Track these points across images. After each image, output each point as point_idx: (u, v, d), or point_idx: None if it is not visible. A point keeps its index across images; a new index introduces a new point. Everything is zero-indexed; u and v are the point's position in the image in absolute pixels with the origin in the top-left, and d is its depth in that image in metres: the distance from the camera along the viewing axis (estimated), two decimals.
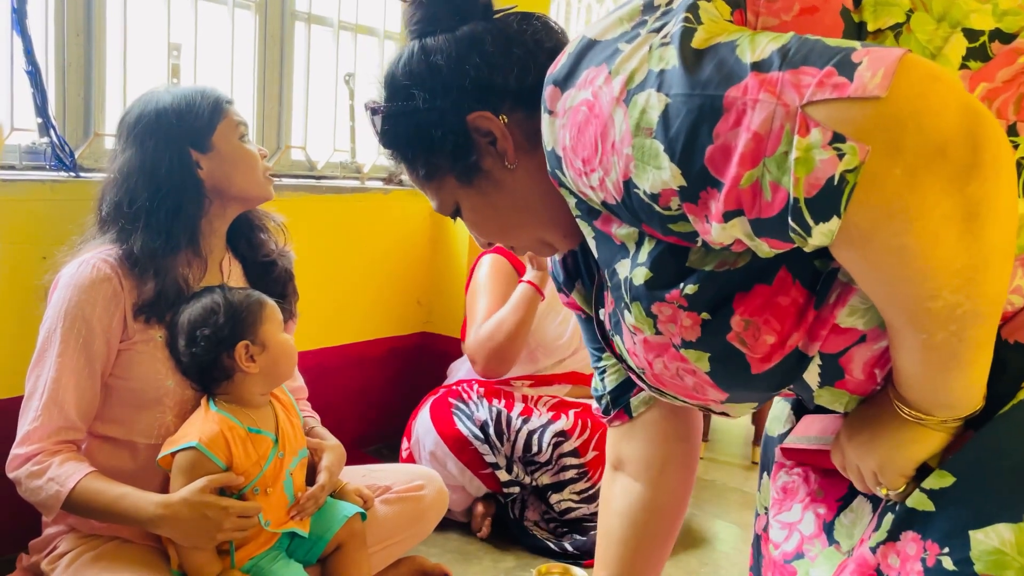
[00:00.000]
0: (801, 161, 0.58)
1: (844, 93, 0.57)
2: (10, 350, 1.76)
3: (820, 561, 0.83)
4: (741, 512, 2.47)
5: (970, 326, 0.62)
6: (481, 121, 0.83)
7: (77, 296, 1.39)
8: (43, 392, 1.38)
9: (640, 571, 1.10)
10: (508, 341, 2.13)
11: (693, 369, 0.77)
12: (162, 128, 1.46)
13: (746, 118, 0.60)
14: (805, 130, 0.57)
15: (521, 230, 0.91)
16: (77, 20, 1.92)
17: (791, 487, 0.88)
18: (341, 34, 2.61)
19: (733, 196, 0.62)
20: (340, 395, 2.47)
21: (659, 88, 0.64)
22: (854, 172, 0.56)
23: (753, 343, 0.72)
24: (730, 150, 0.61)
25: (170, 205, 1.44)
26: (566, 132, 0.72)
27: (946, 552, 0.69)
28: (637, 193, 0.68)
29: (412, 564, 1.82)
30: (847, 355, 0.74)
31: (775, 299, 0.70)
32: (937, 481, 0.71)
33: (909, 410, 0.71)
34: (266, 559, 1.44)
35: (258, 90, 2.38)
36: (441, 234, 2.87)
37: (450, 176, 0.87)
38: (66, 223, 1.80)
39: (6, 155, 1.83)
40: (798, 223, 0.60)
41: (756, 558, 0.96)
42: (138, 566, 1.39)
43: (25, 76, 1.79)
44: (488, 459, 2.09)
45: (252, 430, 1.41)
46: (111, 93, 1.99)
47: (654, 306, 0.76)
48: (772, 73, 0.59)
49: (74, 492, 1.32)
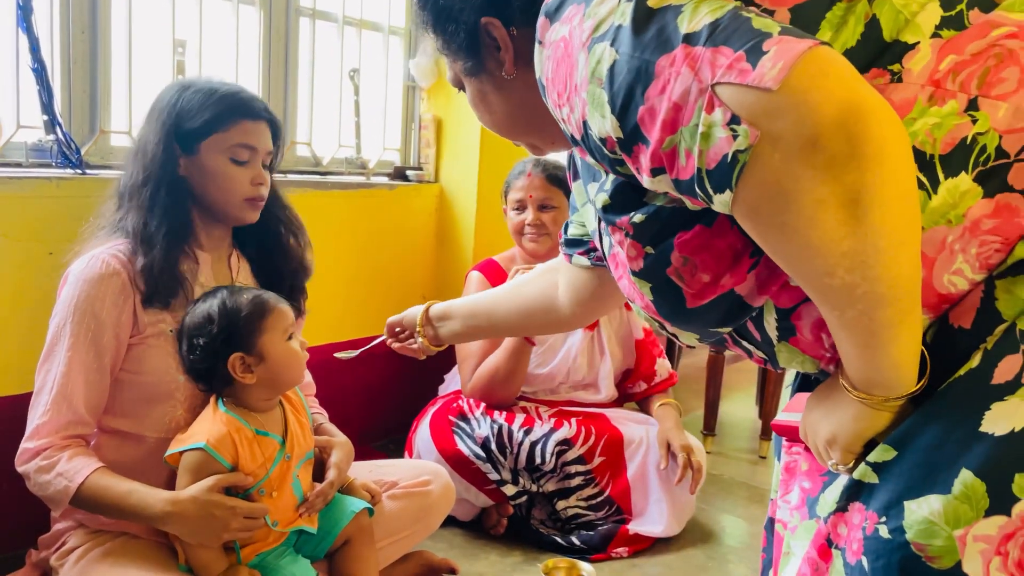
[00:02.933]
0: (704, 136, 0.63)
1: (744, 80, 0.61)
2: (18, 347, 1.76)
3: (800, 533, 0.85)
4: (749, 506, 2.46)
5: (876, 307, 0.65)
6: (492, 27, 0.89)
7: (87, 291, 1.40)
8: (52, 387, 1.38)
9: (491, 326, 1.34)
10: (503, 388, 2.17)
11: (640, 293, 0.84)
12: (161, 113, 1.48)
13: (669, 87, 0.65)
14: (711, 107, 0.63)
15: (510, 130, 0.99)
16: (82, 17, 1.92)
17: (792, 466, 0.90)
18: (346, 29, 2.61)
19: (657, 156, 0.68)
20: (346, 390, 2.47)
21: (612, 43, 0.69)
22: (744, 152, 0.62)
23: (689, 279, 0.78)
24: (656, 114, 0.66)
25: (153, 188, 1.45)
26: (549, 64, 0.77)
27: (883, 521, 0.72)
28: (591, 134, 0.74)
29: (419, 559, 1.82)
30: (797, 312, 0.77)
31: (713, 241, 0.76)
32: (881, 454, 0.74)
33: (853, 389, 0.73)
34: (273, 555, 1.45)
35: (263, 86, 2.38)
36: (446, 230, 2.87)
37: (459, 62, 0.94)
38: (72, 220, 1.80)
39: (12, 152, 1.83)
40: (702, 190, 0.66)
41: (769, 540, 0.97)
42: (146, 562, 1.39)
43: (31, 73, 1.79)
44: (492, 477, 2.08)
45: (259, 432, 1.41)
46: (116, 90, 2.00)
47: (609, 228, 0.84)
48: (697, 48, 0.64)
49: (82, 487, 1.33)
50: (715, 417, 2.90)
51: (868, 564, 0.72)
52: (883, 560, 0.71)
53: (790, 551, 0.87)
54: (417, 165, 2.90)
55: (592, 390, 2.33)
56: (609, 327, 2.31)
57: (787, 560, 0.87)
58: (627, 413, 2.30)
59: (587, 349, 2.29)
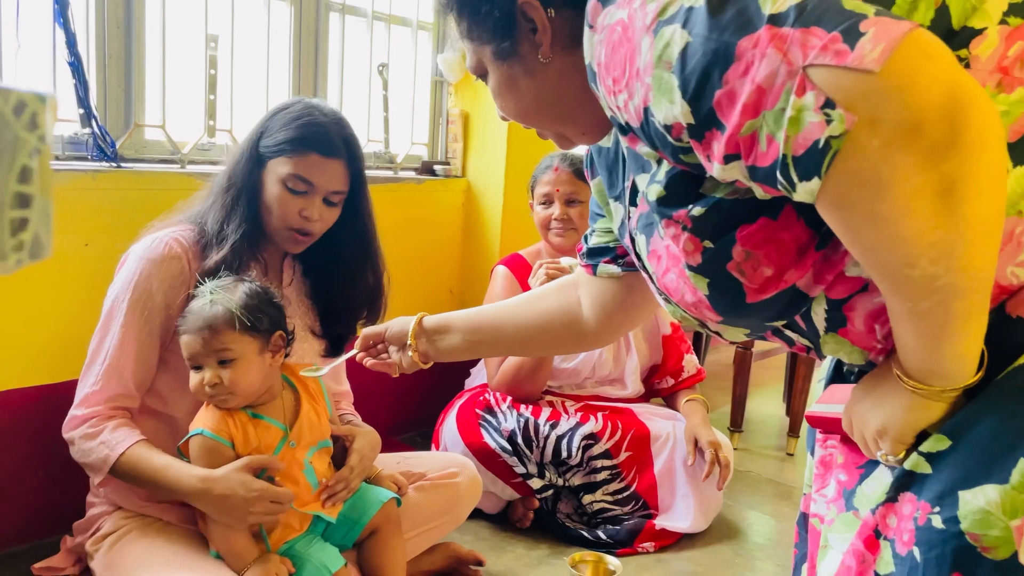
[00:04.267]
0: (793, 120, 0.60)
1: (843, 61, 0.58)
2: (54, 338, 1.80)
3: (838, 526, 0.84)
4: (776, 503, 2.45)
5: (953, 298, 0.64)
6: (529, 8, 0.85)
7: (147, 270, 1.44)
8: (105, 358, 1.43)
9: (501, 342, 1.22)
10: (529, 383, 2.17)
11: (694, 288, 0.81)
12: (258, 124, 1.54)
13: (753, 69, 0.62)
14: (802, 91, 0.60)
15: (539, 118, 0.93)
16: (117, 13, 1.95)
17: (827, 460, 0.89)
18: (375, 24, 2.62)
19: (733, 141, 0.65)
20: (374, 383, 2.49)
21: (684, 25, 0.66)
22: (839, 139, 0.59)
23: (751, 274, 0.75)
24: (735, 97, 0.63)
25: (235, 194, 1.50)
26: (602, 49, 0.74)
27: (936, 511, 0.71)
28: (653, 121, 0.70)
29: (446, 550, 1.83)
30: (850, 303, 0.76)
31: (778, 234, 0.73)
32: (934, 444, 0.73)
33: (908, 380, 0.72)
34: (302, 542, 1.46)
35: (293, 81, 2.40)
36: (473, 224, 2.87)
37: (487, 47, 0.89)
38: (107, 212, 1.84)
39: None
40: (785, 178, 0.63)
41: (802, 535, 0.96)
42: (180, 548, 1.42)
43: (67, 68, 1.82)
44: (518, 470, 2.09)
45: (256, 416, 1.42)
46: (151, 84, 2.02)
47: (663, 223, 0.80)
48: (784, 29, 0.61)
49: (122, 457, 1.37)
50: (742, 413, 2.89)
51: (920, 555, 0.72)
52: (936, 551, 0.70)
53: (828, 544, 0.86)
54: (444, 160, 2.92)
55: (618, 385, 2.32)
56: None
57: (824, 553, 0.86)
58: (654, 408, 2.30)
59: (613, 345, 2.29)
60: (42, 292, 1.77)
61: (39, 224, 0.37)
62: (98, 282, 1.80)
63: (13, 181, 0.35)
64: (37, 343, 1.78)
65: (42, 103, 0.37)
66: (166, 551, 1.41)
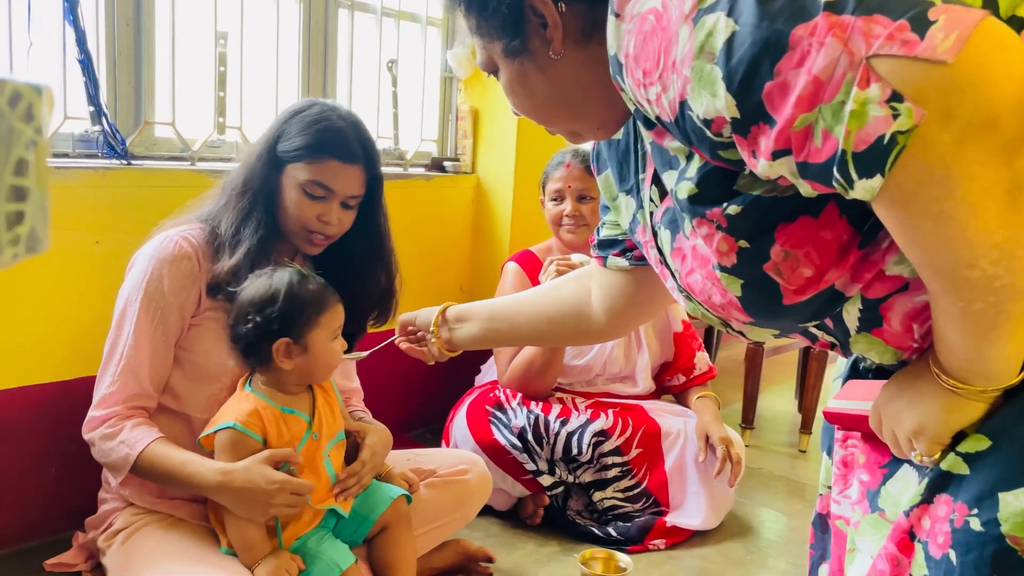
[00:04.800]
0: (856, 114, 0.57)
1: (912, 51, 0.55)
2: (64, 335, 1.80)
3: (864, 528, 0.83)
4: (788, 500, 2.43)
5: (1008, 299, 0.61)
6: (538, 3, 0.82)
7: (158, 269, 1.45)
8: (120, 359, 1.44)
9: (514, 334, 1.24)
10: (539, 379, 2.17)
11: (724, 290, 0.78)
12: (273, 127, 1.53)
13: (809, 59, 0.58)
14: (865, 83, 0.56)
15: (552, 115, 0.90)
16: (127, 10, 1.95)
17: (849, 460, 0.87)
18: (384, 21, 2.62)
19: (784, 136, 0.61)
20: (384, 380, 2.49)
21: (729, 13, 0.62)
22: (906, 134, 0.55)
23: (789, 274, 0.72)
24: (788, 89, 0.59)
25: (251, 199, 1.50)
26: (631, 39, 0.70)
27: (975, 513, 0.69)
28: (691, 115, 0.67)
29: (456, 547, 1.83)
30: (888, 302, 0.73)
31: (819, 233, 0.70)
32: (973, 445, 0.71)
33: (948, 379, 0.70)
34: (313, 538, 1.46)
35: (302, 77, 2.40)
36: (483, 221, 2.87)
37: (497, 43, 0.86)
38: (118, 209, 1.84)
39: (59, 143, 1.87)
40: (842, 175, 0.59)
41: (819, 536, 0.95)
42: (191, 544, 1.42)
43: (77, 65, 1.83)
44: (528, 467, 2.08)
45: (285, 410, 1.43)
46: (160, 82, 2.03)
47: (695, 221, 0.76)
48: (844, 16, 0.57)
49: (142, 455, 1.38)
50: (754, 410, 2.87)
51: (957, 558, 0.70)
52: (974, 554, 0.68)
53: (855, 548, 0.84)
54: (454, 156, 2.91)
55: (629, 383, 2.31)
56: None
57: (852, 557, 0.84)
58: (664, 405, 2.29)
59: (624, 342, 2.28)
60: (53, 289, 1.77)
61: (36, 218, 0.37)
62: (108, 279, 1.81)
63: (9, 174, 0.35)
64: (47, 340, 1.78)
65: (38, 95, 0.37)
66: (178, 547, 1.41)
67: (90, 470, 1.54)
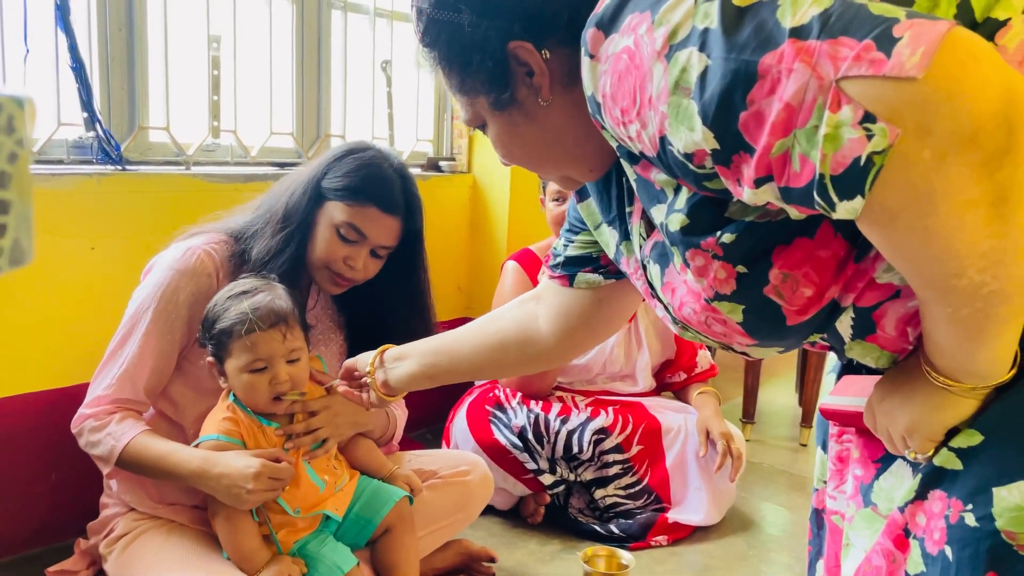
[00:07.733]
0: (829, 138, 0.56)
1: (880, 71, 0.54)
2: (61, 342, 1.80)
3: (858, 523, 0.83)
4: (790, 494, 2.43)
5: (996, 304, 0.61)
6: (522, 52, 0.81)
7: (175, 281, 1.45)
8: (122, 364, 1.44)
9: (459, 369, 1.16)
10: (538, 379, 2.16)
11: (724, 319, 0.77)
12: (321, 162, 1.53)
13: (780, 87, 0.58)
14: (836, 106, 0.56)
15: (545, 163, 0.90)
16: (119, 15, 1.95)
17: (844, 455, 0.88)
18: (377, 21, 2.61)
19: (764, 163, 0.61)
20: None
21: (701, 48, 0.62)
22: (882, 154, 0.55)
23: (791, 296, 0.72)
24: (763, 118, 0.59)
25: (290, 232, 1.49)
26: (607, 79, 0.70)
27: (969, 509, 0.69)
28: (671, 150, 0.67)
29: (459, 548, 1.83)
30: (881, 309, 0.73)
31: (816, 252, 0.70)
32: (965, 440, 0.71)
33: (939, 376, 0.70)
34: (313, 542, 1.46)
35: (296, 79, 2.40)
36: (480, 220, 2.87)
37: (482, 98, 0.85)
38: (113, 215, 1.84)
39: (53, 150, 1.86)
40: (823, 198, 0.59)
41: (815, 532, 0.95)
42: (192, 549, 1.42)
43: (70, 72, 1.82)
44: (529, 466, 2.08)
45: (263, 421, 1.43)
46: (154, 86, 2.02)
47: (688, 253, 0.76)
48: (810, 41, 0.57)
49: (128, 447, 1.39)
50: (754, 405, 2.87)
51: (953, 554, 0.70)
52: (970, 549, 0.69)
53: (849, 543, 0.84)
54: (450, 156, 2.91)
55: (629, 381, 2.31)
56: (646, 318, 2.29)
57: (847, 552, 0.84)
58: (665, 401, 2.28)
59: (624, 341, 2.28)
60: (49, 296, 1.77)
61: (19, 230, 0.36)
62: (105, 285, 1.81)
63: None
64: (45, 348, 1.78)
65: (19, 106, 0.37)
66: (179, 552, 1.41)
67: (91, 476, 1.54)
